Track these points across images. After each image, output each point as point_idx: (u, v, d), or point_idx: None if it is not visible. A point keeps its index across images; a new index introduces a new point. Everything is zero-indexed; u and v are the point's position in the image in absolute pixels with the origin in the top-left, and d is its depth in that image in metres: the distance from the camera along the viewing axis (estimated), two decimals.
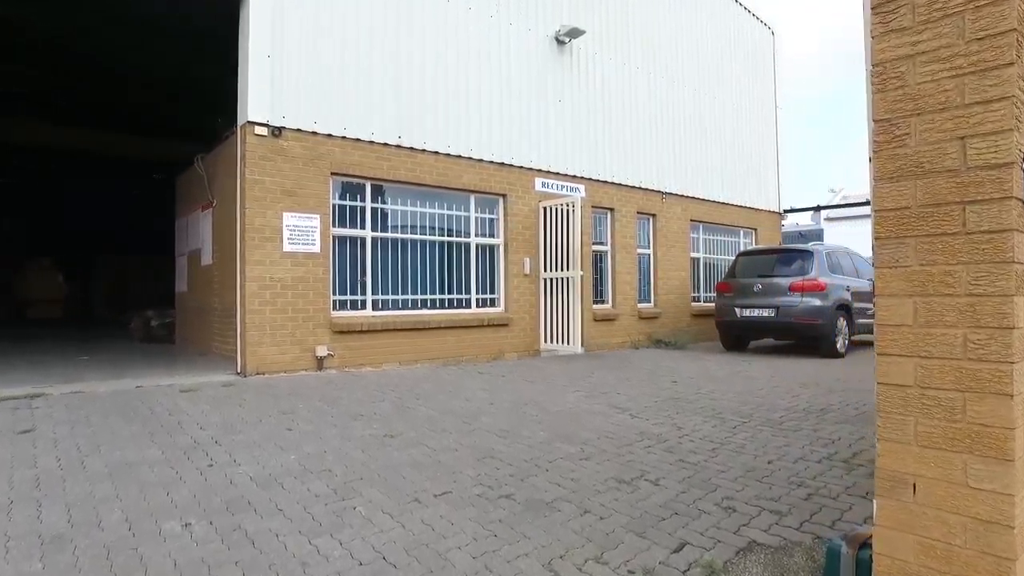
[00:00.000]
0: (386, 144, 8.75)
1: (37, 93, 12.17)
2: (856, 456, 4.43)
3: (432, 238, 9.47)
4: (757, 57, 15.60)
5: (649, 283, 12.73)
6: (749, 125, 15.27)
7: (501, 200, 10.19)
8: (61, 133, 13.76)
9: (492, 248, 10.17)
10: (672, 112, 13.10)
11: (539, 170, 10.57)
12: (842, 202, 37.19)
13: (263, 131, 7.57)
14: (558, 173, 10.86)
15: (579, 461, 4.35)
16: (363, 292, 8.70)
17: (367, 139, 8.56)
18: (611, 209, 11.84)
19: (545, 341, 10.48)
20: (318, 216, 8.07)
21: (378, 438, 4.85)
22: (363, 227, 8.71)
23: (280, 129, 7.74)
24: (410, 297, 9.23)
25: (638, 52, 12.37)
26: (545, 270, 10.48)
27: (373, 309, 8.78)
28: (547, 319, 10.47)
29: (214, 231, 9.45)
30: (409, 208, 9.24)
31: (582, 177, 11.25)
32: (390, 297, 9.01)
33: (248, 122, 7.50)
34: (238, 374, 7.62)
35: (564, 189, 10.93)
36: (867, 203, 15.23)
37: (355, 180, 8.61)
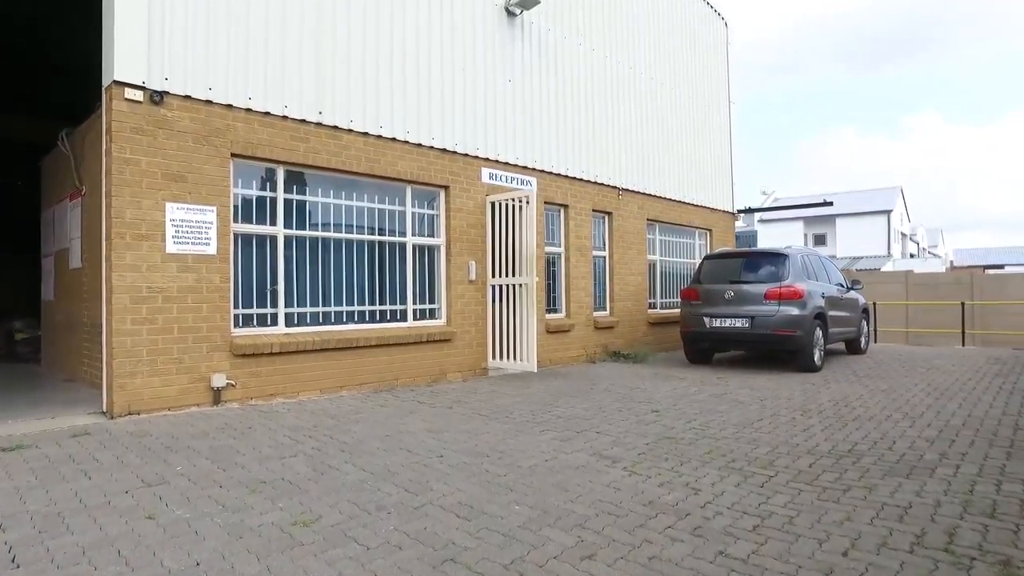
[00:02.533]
0: (304, 121, 7.10)
1: None
2: (954, 539, 3.23)
3: (361, 237, 7.88)
4: (711, 48, 14.72)
5: (604, 289, 11.53)
6: (704, 119, 14.35)
7: (442, 193, 8.70)
8: None
9: (432, 250, 8.67)
10: (629, 101, 11.95)
11: (486, 159, 9.14)
12: (773, 204, 37.62)
13: (136, 95, 5.79)
14: (507, 163, 9.46)
15: (581, 563, 2.97)
16: (274, 304, 7.03)
17: (279, 113, 6.89)
18: (564, 206, 10.55)
19: (493, 357, 9.06)
20: (214, 209, 6.35)
21: (284, 530, 3.30)
22: (274, 223, 7.03)
23: (162, 95, 5.98)
24: (333, 310, 7.60)
25: (596, 34, 11.13)
26: (493, 275, 9.06)
27: (287, 325, 7.11)
28: (496, 332, 9.06)
29: (83, 226, 7.53)
30: (332, 201, 7.61)
31: (534, 168, 9.90)
32: (308, 310, 7.36)
33: (115, 82, 5.71)
34: (103, 414, 5.82)
35: (514, 182, 9.54)
36: (803, 205, 14.61)
37: (264, 164, 6.92)
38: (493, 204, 9.06)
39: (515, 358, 8.79)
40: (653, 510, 3.65)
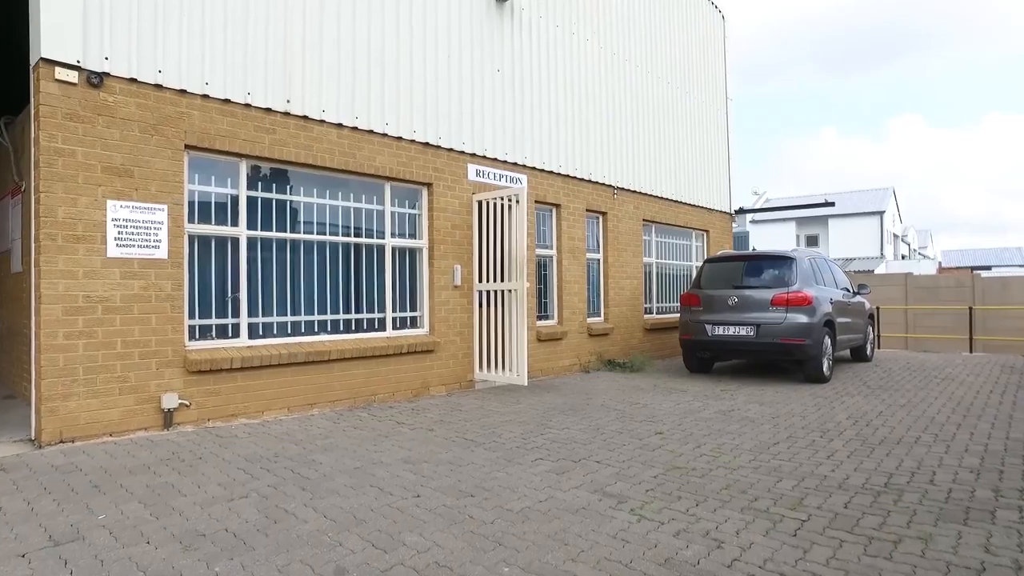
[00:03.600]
0: (269, 110, 6.40)
1: None
2: None
3: (335, 239, 7.18)
4: (708, 42, 14.13)
5: (599, 293, 10.89)
6: (701, 115, 13.76)
7: (425, 191, 8.01)
8: None
9: (413, 253, 7.98)
10: (624, 95, 11.31)
11: (473, 155, 8.47)
12: (764, 205, 37.21)
13: (69, 75, 5.07)
14: (495, 159, 8.79)
15: None
16: (236, 314, 6.32)
17: (241, 101, 6.18)
18: (557, 205, 9.89)
19: (480, 369, 8.39)
20: (165, 207, 5.64)
21: None
22: (236, 223, 6.32)
23: (101, 76, 5.26)
24: (303, 319, 6.90)
25: (589, 24, 10.49)
26: (481, 280, 8.39)
27: (250, 337, 6.40)
28: (483, 342, 8.39)
29: (24, 226, 6.77)
30: (302, 199, 6.91)
31: (524, 165, 9.24)
32: (275, 320, 6.65)
33: (44, 60, 4.98)
34: (31, 441, 5.09)
35: (504, 179, 8.87)
36: (804, 206, 14.04)
37: (224, 158, 6.21)
38: (480, 203, 8.39)
39: (504, 369, 8.12)
40: (669, 568, 3.00)
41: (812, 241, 39.44)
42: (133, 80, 5.42)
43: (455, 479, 4.39)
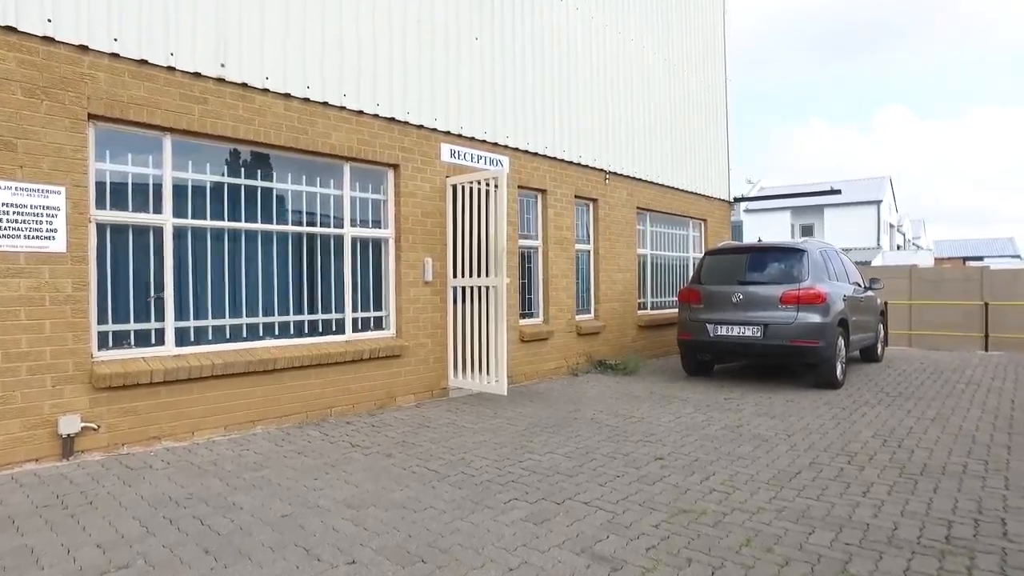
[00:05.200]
0: (199, 75, 5.39)
1: None
2: None
3: (283, 228, 6.20)
4: (707, 17, 13.15)
5: (589, 289, 9.96)
6: (699, 96, 12.80)
7: (391, 173, 7.03)
8: None
9: (378, 244, 7.02)
10: (617, 70, 10.34)
11: (447, 132, 7.49)
12: (760, 193, 36.37)
13: None
14: (473, 138, 7.81)
15: None
16: (160, 317, 5.34)
17: (162, 63, 5.17)
18: (542, 191, 8.94)
19: (455, 375, 7.46)
20: (62, 189, 4.64)
21: None
22: (159, 210, 5.33)
23: None
24: (246, 322, 5.93)
25: None
26: (456, 275, 7.44)
27: (179, 344, 5.43)
28: (458, 344, 7.45)
29: None
30: (243, 182, 5.93)
31: (506, 146, 8.27)
32: (210, 323, 5.68)
33: None
34: None
35: (483, 161, 7.91)
36: (806, 194, 13.14)
37: (142, 131, 5.20)
38: (455, 188, 7.43)
39: (482, 375, 7.19)
40: None
41: (807, 231, 38.67)
42: (11, 29, 4.40)
43: (405, 533, 3.46)
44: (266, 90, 5.83)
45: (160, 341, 5.32)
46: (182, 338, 5.47)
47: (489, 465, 4.76)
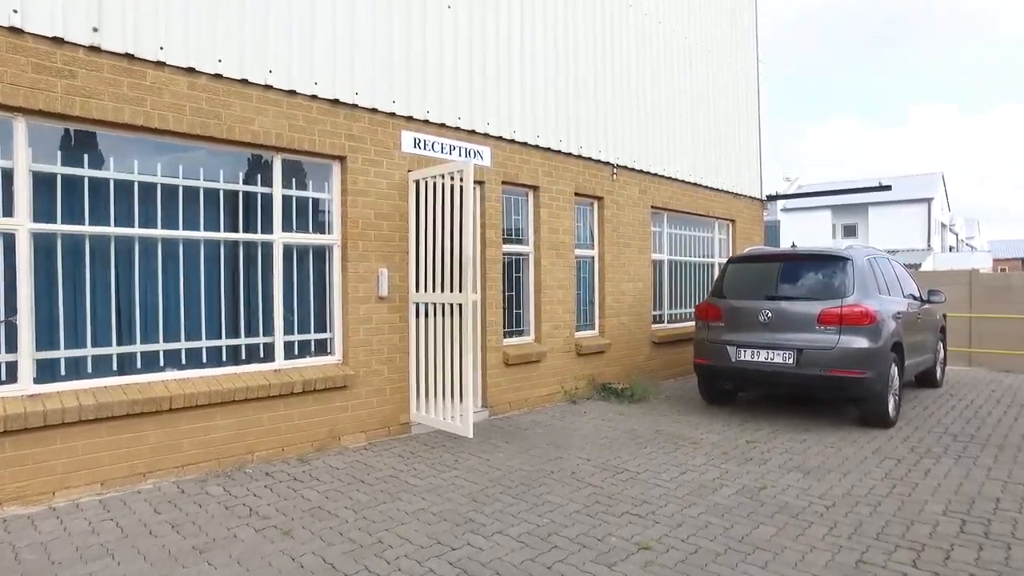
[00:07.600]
0: (62, 41, 4.26)
1: None
2: None
3: (189, 235, 5.05)
4: None
5: (592, 301, 8.62)
6: (727, 80, 11.33)
7: (336, 167, 5.83)
8: None
9: (321, 253, 5.82)
10: (627, 46, 8.97)
11: (409, 118, 6.26)
12: (798, 191, 34.30)
13: None
14: (444, 125, 6.56)
15: None
16: (10, 348, 4.23)
17: (4, 23, 4.05)
18: (534, 188, 7.64)
19: (418, 407, 6.22)
20: None
21: None
22: (9, 212, 4.22)
23: None
24: (139, 349, 4.79)
25: None
26: (419, 289, 6.20)
27: (37, 381, 4.31)
28: (422, 371, 6.21)
29: None
30: (135, 177, 4.78)
31: (487, 135, 7.00)
32: (88, 352, 4.55)
33: None
34: None
35: (457, 152, 6.66)
36: (854, 190, 11.47)
37: None
38: (418, 184, 6.19)
39: (452, 404, 5.92)
40: None
41: (850, 231, 36.41)
42: None
43: None
44: (161, 63, 4.68)
45: (11, 378, 4.21)
46: (46, 373, 4.35)
47: (408, 554, 3.51)
